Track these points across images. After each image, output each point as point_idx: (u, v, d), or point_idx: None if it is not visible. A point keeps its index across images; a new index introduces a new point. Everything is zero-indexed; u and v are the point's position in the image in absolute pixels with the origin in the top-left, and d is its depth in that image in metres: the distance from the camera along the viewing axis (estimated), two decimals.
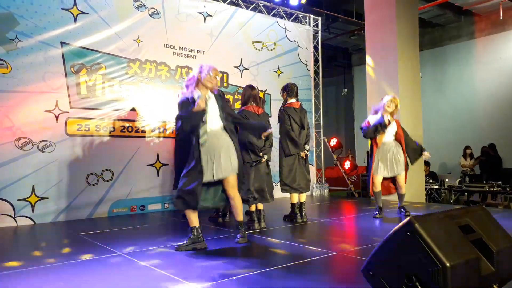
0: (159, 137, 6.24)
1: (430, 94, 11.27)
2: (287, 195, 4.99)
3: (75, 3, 5.51)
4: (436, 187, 8.44)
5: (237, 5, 7.40)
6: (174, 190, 5.21)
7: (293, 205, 4.87)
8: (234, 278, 2.66)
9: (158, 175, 6.18)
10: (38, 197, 5.09)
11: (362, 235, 4.29)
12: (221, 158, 3.44)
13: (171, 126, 6.33)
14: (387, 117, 4.98)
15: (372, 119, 5.11)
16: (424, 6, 9.79)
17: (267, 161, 4.57)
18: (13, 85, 5.00)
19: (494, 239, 2.10)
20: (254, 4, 7.63)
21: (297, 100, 5.05)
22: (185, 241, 3.50)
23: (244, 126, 4.07)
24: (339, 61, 14.66)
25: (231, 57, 7.24)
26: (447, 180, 8.66)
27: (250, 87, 4.67)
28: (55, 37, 5.34)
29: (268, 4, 7.85)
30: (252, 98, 4.58)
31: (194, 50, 6.74)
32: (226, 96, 7.12)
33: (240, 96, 7.31)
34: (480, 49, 11.08)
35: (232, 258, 3.33)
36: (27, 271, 2.93)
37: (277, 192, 4.87)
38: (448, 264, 1.78)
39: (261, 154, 4.43)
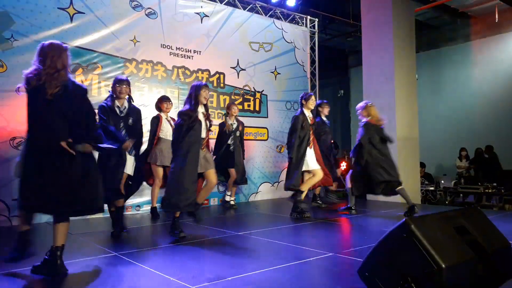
0: None
1: (426, 96, 11.30)
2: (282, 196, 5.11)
3: (71, 3, 5.49)
4: (432, 188, 8.47)
5: (234, 5, 7.40)
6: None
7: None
8: (229, 278, 2.66)
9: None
10: None
11: (358, 236, 4.30)
12: None
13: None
14: None
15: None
16: (420, 8, 9.81)
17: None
18: (9, 85, 4.97)
19: (489, 241, 2.11)
20: (251, 5, 7.63)
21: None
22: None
23: None
24: (336, 63, 14.68)
25: (228, 58, 7.23)
26: (442, 181, 8.68)
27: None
28: (51, 37, 5.30)
29: (265, 5, 7.85)
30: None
31: (191, 51, 6.73)
32: (223, 97, 7.15)
33: (237, 97, 7.32)
34: (476, 51, 11.13)
35: (228, 259, 3.32)
36: (21, 271, 2.91)
37: (278, 193, 4.86)
38: (443, 265, 1.79)
39: None
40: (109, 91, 4.12)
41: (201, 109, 4.09)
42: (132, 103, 4.22)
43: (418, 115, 7.52)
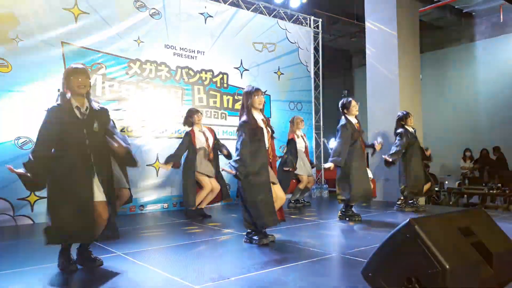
0: (158, 137, 6.24)
1: (431, 96, 11.26)
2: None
3: (76, 3, 5.51)
4: (436, 189, 8.43)
5: (238, 6, 7.40)
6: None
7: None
8: (233, 278, 2.66)
9: (157, 176, 6.17)
10: (37, 196, 5.09)
11: (362, 237, 4.28)
12: None
13: (171, 126, 6.32)
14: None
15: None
16: (425, 9, 9.78)
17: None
18: (14, 85, 5.01)
19: (493, 242, 2.10)
20: (254, 5, 7.64)
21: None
22: None
23: None
24: (340, 63, 14.66)
25: (232, 58, 7.24)
26: (446, 182, 8.65)
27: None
28: (56, 37, 5.34)
29: (268, 5, 7.85)
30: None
31: (194, 51, 6.74)
32: (226, 97, 7.16)
33: (240, 97, 7.31)
34: (480, 51, 11.08)
35: (231, 259, 3.33)
36: (25, 271, 2.93)
37: None
38: (447, 266, 1.78)
39: None
40: (58, 90, 3.06)
41: (259, 116, 3.73)
42: (94, 102, 3.03)
43: (422, 116, 7.49)
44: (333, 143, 5.53)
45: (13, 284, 2.64)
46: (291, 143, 6.26)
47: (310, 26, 8.62)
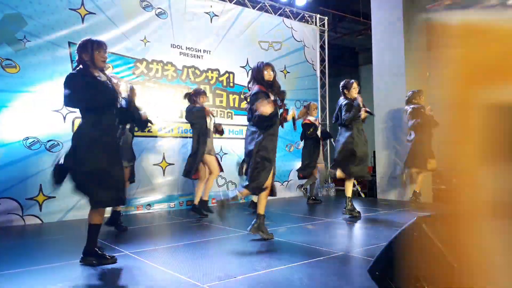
0: (165, 136, 6.26)
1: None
2: (292, 195, 5.03)
3: (82, 3, 5.55)
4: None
5: (244, 5, 7.40)
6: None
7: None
8: (239, 277, 2.67)
9: (164, 175, 6.20)
10: (45, 196, 5.13)
11: (369, 235, 4.27)
12: None
13: (177, 125, 6.34)
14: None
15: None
16: (432, 6, 9.71)
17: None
18: (22, 85, 5.05)
19: None
20: (260, 4, 7.63)
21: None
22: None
23: None
24: (346, 61, 14.60)
25: (238, 57, 7.24)
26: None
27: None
28: (63, 37, 5.38)
29: (274, 3, 7.84)
30: None
31: (200, 50, 6.75)
32: (233, 96, 7.16)
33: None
34: None
35: (236, 258, 3.33)
36: (34, 270, 2.96)
37: (288, 192, 4.76)
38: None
39: None
40: (76, 61, 3.16)
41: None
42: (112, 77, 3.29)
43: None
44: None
45: (22, 283, 2.66)
46: (308, 126, 6.42)
47: (316, 24, 8.59)
